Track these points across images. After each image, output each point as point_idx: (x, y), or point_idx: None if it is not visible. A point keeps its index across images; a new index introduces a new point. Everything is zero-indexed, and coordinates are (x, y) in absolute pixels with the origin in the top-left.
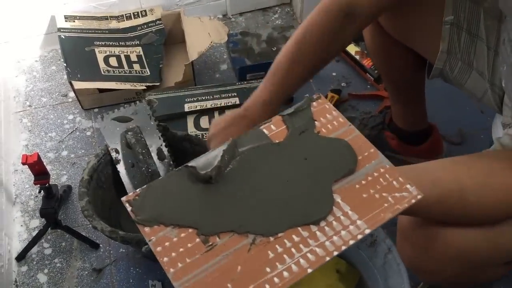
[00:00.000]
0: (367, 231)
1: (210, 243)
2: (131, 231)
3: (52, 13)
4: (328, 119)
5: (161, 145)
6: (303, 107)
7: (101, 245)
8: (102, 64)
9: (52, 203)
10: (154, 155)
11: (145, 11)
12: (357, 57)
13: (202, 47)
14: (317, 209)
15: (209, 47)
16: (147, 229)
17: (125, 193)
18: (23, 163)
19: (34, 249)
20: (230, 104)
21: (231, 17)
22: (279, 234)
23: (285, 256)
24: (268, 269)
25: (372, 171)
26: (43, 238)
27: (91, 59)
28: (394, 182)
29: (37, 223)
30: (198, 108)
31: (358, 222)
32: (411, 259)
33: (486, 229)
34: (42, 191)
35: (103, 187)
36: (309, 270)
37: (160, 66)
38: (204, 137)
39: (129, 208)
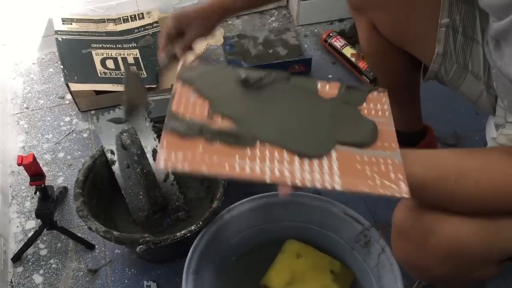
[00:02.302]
0: (337, 187)
1: (212, 118)
2: (126, 231)
3: (49, 15)
4: (376, 108)
5: (156, 146)
6: (364, 89)
7: (96, 246)
8: (99, 66)
9: (48, 204)
10: (149, 156)
11: (142, 14)
12: (353, 59)
13: (199, 50)
14: (310, 147)
15: (205, 49)
16: (179, 83)
17: (121, 194)
18: (19, 164)
19: (30, 250)
20: None
21: (228, 19)
22: (266, 144)
23: (257, 159)
24: (237, 157)
25: (380, 157)
26: (39, 239)
27: (88, 61)
28: (392, 174)
29: (33, 224)
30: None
31: (336, 177)
32: (405, 255)
33: (481, 225)
34: (38, 192)
35: (98, 188)
36: (267, 179)
37: (157, 68)
38: None
39: (180, 66)
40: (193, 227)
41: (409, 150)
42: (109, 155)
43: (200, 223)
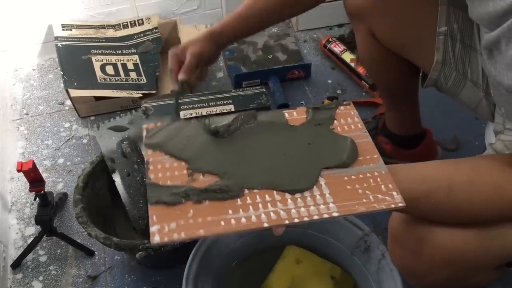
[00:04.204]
0: (335, 214)
1: (194, 177)
2: (126, 238)
3: (49, 22)
4: (348, 122)
5: None
6: (330, 106)
7: (96, 253)
8: (98, 72)
9: (47, 211)
10: None
11: (141, 19)
12: (352, 64)
13: None
14: (298, 182)
15: None
16: (150, 151)
17: (120, 200)
18: (18, 170)
19: (29, 257)
20: (225, 111)
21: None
22: (255, 190)
23: (250, 207)
24: (230, 211)
25: (366, 171)
26: (39, 246)
27: (88, 67)
28: (383, 186)
29: (32, 230)
30: (194, 115)
31: (331, 204)
32: (402, 261)
33: (476, 233)
34: (37, 199)
35: (98, 194)
36: (265, 225)
37: (157, 74)
38: None
39: (144, 133)
40: None
41: (397, 166)
42: (109, 163)
43: None
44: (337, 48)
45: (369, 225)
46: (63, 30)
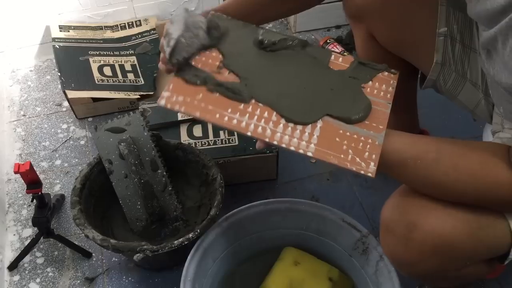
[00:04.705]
0: (309, 154)
1: (220, 71)
2: (124, 239)
3: (47, 23)
4: (381, 88)
5: (154, 156)
6: (375, 67)
7: (93, 254)
8: (96, 74)
9: (45, 212)
10: (147, 166)
11: (139, 21)
12: None
13: None
14: (296, 113)
15: None
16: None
17: (118, 202)
18: (16, 172)
19: (27, 258)
20: None
21: None
22: (260, 103)
23: (247, 115)
24: (229, 110)
25: (362, 135)
26: (36, 247)
27: (85, 68)
28: (367, 153)
29: (29, 232)
30: (191, 116)
31: (311, 145)
32: (393, 249)
33: (466, 221)
34: (34, 200)
35: (95, 196)
36: (248, 134)
37: (154, 75)
38: (197, 145)
39: (210, 13)
40: (190, 235)
41: (394, 130)
42: (107, 165)
43: (198, 230)
44: (335, 49)
45: (367, 227)
46: (60, 31)
